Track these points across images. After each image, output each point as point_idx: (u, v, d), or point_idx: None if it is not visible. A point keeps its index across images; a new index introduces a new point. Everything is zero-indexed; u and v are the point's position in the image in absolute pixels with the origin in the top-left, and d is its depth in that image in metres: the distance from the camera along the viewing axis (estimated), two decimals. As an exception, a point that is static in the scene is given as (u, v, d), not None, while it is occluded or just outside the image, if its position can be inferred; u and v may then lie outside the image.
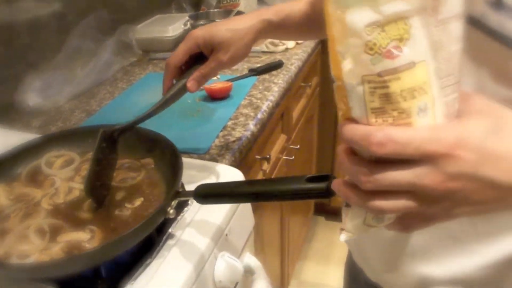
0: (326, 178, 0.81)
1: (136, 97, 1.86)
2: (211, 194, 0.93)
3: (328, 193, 0.80)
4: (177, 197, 0.98)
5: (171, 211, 0.96)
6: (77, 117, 1.75)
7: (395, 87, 0.53)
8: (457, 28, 0.55)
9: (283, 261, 2.44)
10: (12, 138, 1.43)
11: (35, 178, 1.20)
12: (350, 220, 0.66)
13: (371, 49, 0.52)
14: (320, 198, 0.83)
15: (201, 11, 2.58)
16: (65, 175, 1.19)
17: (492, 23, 0.69)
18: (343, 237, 0.67)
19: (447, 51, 0.55)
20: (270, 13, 1.13)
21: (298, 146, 2.26)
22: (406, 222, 0.63)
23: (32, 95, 1.82)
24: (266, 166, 1.83)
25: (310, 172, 2.91)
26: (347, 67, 0.54)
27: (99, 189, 1.09)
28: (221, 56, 1.09)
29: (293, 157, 2.17)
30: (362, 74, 0.53)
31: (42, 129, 1.67)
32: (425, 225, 0.62)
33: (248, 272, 1.23)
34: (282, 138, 2.11)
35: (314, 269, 3.11)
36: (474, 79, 0.76)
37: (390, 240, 1.00)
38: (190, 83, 1.11)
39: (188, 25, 2.40)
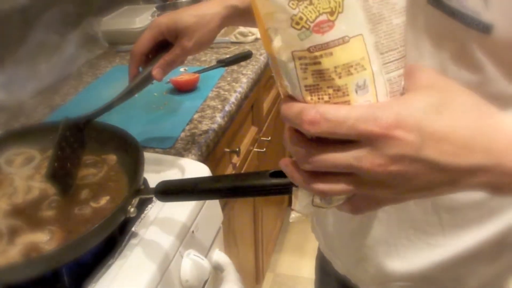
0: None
1: (103, 91, 1.82)
2: (173, 191, 0.89)
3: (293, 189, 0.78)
4: (137, 195, 0.95)
5: (132, 209, 0.93)
6: (41, 113, 1.71)
7: (327, 63, 0.50)
8: (399, 0, 0.52)
9: (257, 254, 2.42)
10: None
11: (-6, 178, 1.15)
12: (299, 201, 0.64)
13: (297, 23, 0.50)
14: (285, 194, 0.80)
15: (168, 2, 2.53)
16: (25, 173, 1.14)
17: (452, 2, 0.67)
18: (292, 217, 0.66)
19: (388, 24, 0.52)
20: None
21: (270, 138, 2.23)
22: (355, 204, 0.60)
23: None
24: (236, 160, 1.80)
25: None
26: (277, 44, 0.52)
27: (63, 177, 1.06)
28: (185, 42, 1.07)
29: (264, 149, 2.13)
30: (292, 50, 0.51)
31: (4, 125, 1.62)
32: (375, 207, 0.60)
33: (218, 269, 1.21)
34: (252, 130, 2.08)
35: (290, 261, 3.09)
36: (436, 62, 0.75)
37: (353, 231, 1.00)
38: (155, 70, 1.08)
39: (156, 16, 2.36)
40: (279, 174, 0.79)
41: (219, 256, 1.22)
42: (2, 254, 0.91)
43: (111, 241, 0.98)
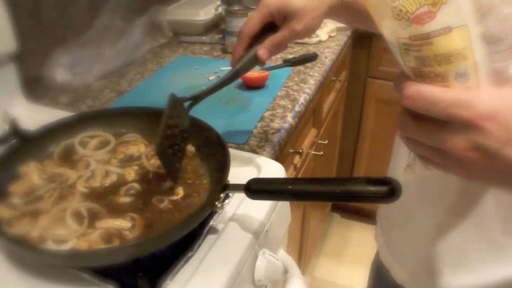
0: (386, 182, 0.79)
1: (167, 80, 1.83)
2: (264, 189, 0.89)
3: (390, 197, 0.78)
4: (226, 190, 0.94)
5: (219, 204, 0.92)
6: (107, 96, 1.71)
7: (427, 51, 0.53)
8: None
9: (300, 256, 2.41)
10: (41, 114, 1.40)
11: (69, 158, 1.15)
12: (413, 159, 0.68)
13: (398, 14, 0.52)
14: (381, 202, 0.81)
15: (233, -4, 2.53)
16: (101, 157, 1.14)
17: None
18: (405, 173, 0.71)
19: (498, 14, 0.52)
20: None
21: (326, 142, 2.21)
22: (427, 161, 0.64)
23: (60, 71, 1.78)
24: (297, 161, 1.79)
25: (331, 169, 2.87)
26: (384, 29, 0.55)
27: (171, 158, 1.03)
28: (295, 25, 1.03)
29: (322, 152, 2.12)
30: (396, 36, 0.54)
31: (70, 106, 1.63)
32: (443, 171, 0.62)
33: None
34: (312, 132, 2.07)
35: (327, 266, 3.07)
36: None
37: (428, 238, 0.98)
38: (262, 51, 1.05)
39: (220, 10, 2.36)
40: (376, 181, 0.79)
41: (285, 257, 1.20)
42: (83, 237, 0.90)
43: (189, 233, 0.96)
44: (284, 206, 1.17)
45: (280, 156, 1.43)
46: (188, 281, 0.87)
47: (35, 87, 1.74)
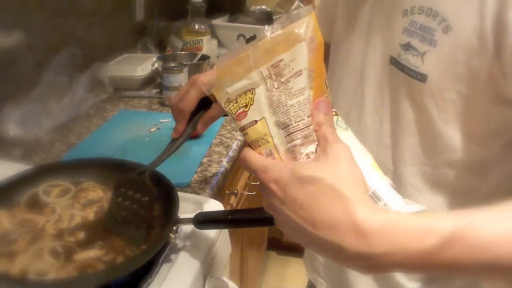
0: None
1: (112, 133, 1.97)
2: (209, 220, 1.08)
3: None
4: (177, 223, 1.12)
5: (173, 236, 1.10)
6: (58, 149, 1.83)
7: (247, 138, 0.77)
8: (297, 83, 0.73)
9: (241, 293, 2.55)
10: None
11: (35, 206, 1.28)
12: None
13: (230, 114, 0.77)
14: None
15: (167, 53, 2.69)
16: (64, 203, 1.29)
17: (402, 60, 0.93)
18: None
19: (284, 106, 0.73)
20: None
21: (258, 183, 2.37)
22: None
23: (12, 126, 1.85)
24: (233, 200, 1.97)
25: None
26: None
27: (121, 224, 1.18)
28: None
29: (254, 192, 2.31)
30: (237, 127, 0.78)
31: (24, 159, 1.73)
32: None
33: (228, 295, 1.35)
34: (245, 174, 2.25)
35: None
36: (394, 104, 0.99)
37: None
38: (201, 126, 1.25)
39: (156, 65, 2.53)
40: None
41: (229, 283, 1.37)
42: (62, 269, 1.06)
43: (149, 263, 1.11)
44: (224, 238, 1.35)
45: (218, 197, 1.60)
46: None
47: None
